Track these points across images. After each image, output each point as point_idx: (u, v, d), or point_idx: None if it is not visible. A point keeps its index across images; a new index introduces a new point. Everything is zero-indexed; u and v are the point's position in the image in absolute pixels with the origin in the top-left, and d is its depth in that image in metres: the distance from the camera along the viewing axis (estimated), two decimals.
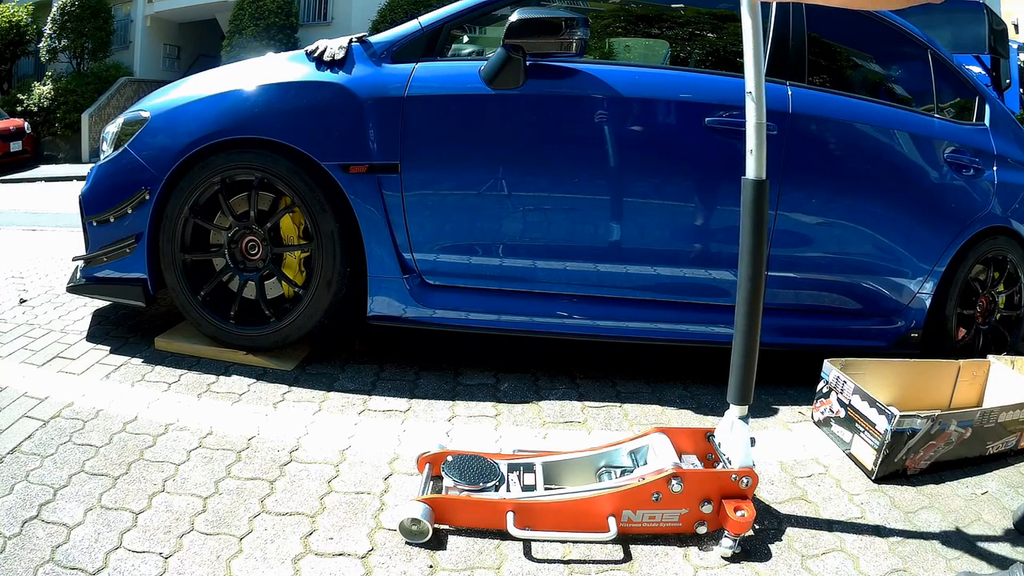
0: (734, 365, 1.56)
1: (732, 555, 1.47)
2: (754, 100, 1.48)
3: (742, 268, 1.52)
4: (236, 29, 14.02)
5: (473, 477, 1.56)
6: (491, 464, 1.61)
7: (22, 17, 16.33)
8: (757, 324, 1.53)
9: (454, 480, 1.55)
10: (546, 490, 1.57)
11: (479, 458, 1.62)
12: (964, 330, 2.70)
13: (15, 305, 2.81)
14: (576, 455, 1.69)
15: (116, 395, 2.01)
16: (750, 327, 1.53)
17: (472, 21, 2.35)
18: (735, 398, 1.57)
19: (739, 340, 1.55)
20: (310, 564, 1.38)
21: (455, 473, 1.57)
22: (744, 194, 1.51)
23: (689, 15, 2.60)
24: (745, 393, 1.56)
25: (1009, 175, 2.69)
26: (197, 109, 2.15)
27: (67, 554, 1.35)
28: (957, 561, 1.53)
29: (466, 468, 1.59)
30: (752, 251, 1.51)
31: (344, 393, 2.11)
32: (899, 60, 2.81)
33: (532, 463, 1.65)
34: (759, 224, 1.50)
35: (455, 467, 1.59)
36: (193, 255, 2.23)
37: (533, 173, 2.18)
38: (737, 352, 1.55)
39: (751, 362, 1.55)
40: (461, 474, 1.57)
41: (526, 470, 1.63)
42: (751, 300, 1.52)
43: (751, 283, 1.52)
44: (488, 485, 1.55)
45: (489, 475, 1.57)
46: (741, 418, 1.57)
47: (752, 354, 1.55)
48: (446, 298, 2.23)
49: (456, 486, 1.55)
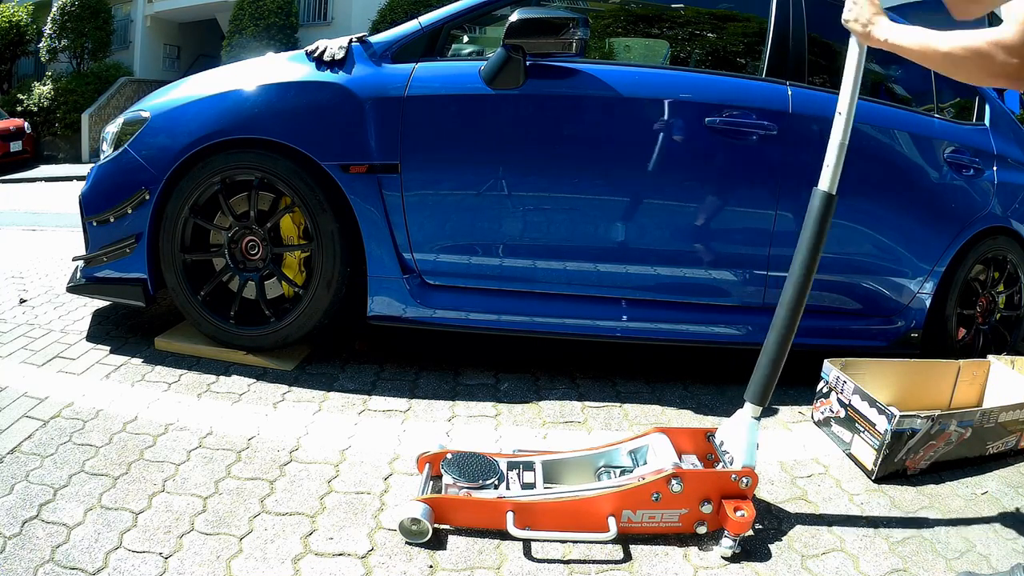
0: (761, 365, 1.57)
1: (732, 555, 1.47)
2: (843, 119, 1.52)
3: (793, 272, 1.55)
4: (236, 29, 14.02)
5: (472, 475, 1.56)
6: (491, 462, 1.61)
7: (22, 17, 16.33)
8: (793, 329, 1.55)
9: (453, 477, 1.55)
10: (546, 488, 1.57)
11: (479, 456, 1.62)
12: (964, 330, 2.70)
13: (15, 305, 2.81)
14: (576, 454, 1.69)
15: (116, 395, 2.01)
16: (787, 331, 1.55)
17: (472, 21, 2.35)
18: (754, 397, 1.57)
19: (772, 340, 1.56)
20: (310, 564, 1.38)
21: (454, 470, 1.57)
22: (812, 204, 1.55)
23: (689, 15, 2.60)
24: (764, 394, 1.57)
25: (1009, 175, 2.69)
26: (197, 109, 2.14)
27: (67, 554, 1.35)
28: (957, 561, 1.53)
29: (465, 465, 1.59)
30: (807, 257, 1.53)
31: (344, 393, 2.11)
32: (899, 60, 2.80)
33: (532, 461, 1.65)
34: (820, 234, 1.53)
35: (455, 464, 1.59)
36: (193, 255, 2.23)
37: (533, 173, 2.18)
38: (767, 352, 1.57)
39: (778, 365, 1.56)
40: (461, 471, 1.57)
41: (526, 468, 1.63)
42: (794, 304, 1.54)
43: (798, 288, 1.54)
44: (488, 482, 1.55)
45: (489, 473, 1.57)
46: (755, 417, 1.58)
47: (781, 357, 1.56)
48: (446, 298, 2.23)
49: (455, 483, 1.55)
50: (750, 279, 2.32)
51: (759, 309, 2.36)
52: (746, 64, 2.48)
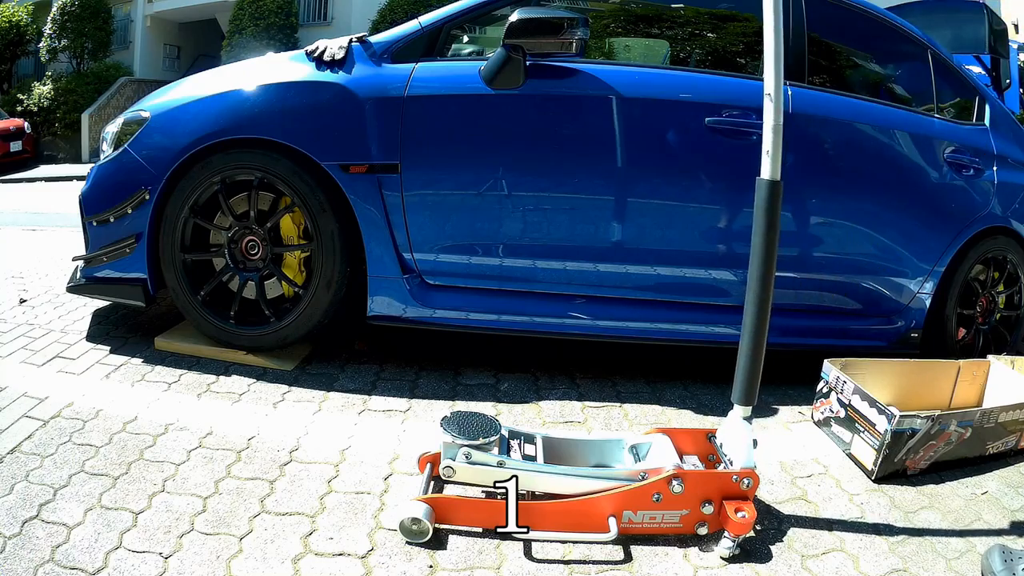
0: (740, 366, 1.56)
1: (732, 555, 1.47)
2: (772, 102, 1.48)
3: (753, 268, 1.52)
4: (236, 29, 14.01)
5: (473, 432, 1.54)
6: (492, 421, 1.59)
7: (22, 17, 16.32)
8: (765, 325, 1.53)
9: (453, 435, 1.53)
10: (546, 464, 1.56)
11: (479, 414, 1.61)
12: (964, 330, 2.70)
13: (15, 305, 2.81)
14: (577, 437, 1.70)
15: (116, 395, 2.00)
16: (758, 328, 1.53)
17: (472, 21, 2.35)
18: (740, 398, 1.57)
19: (746, 341, 1.54)
20: (310, 564, 1.38)
21: (454, 428, 1.55)
22: (758, 194, 1.51)
23: (689, 15, 2.60)
24: (750, 394, 1.56)
25: (1009, 175, 2.69)
26: (197, 109, 2.14)
27: (67, 554, 1.35)
28: (957, 561, 1.53)
29: (466, 423, 1.56)
30: (763, 251, 1.51)
31: (344, 393, 2.11)
32: (899, 60, 2.81)
33: (533, 435, 1.66)
34: (772, 224, 1.50)
35: (454, 422, 1.56)
36: (193, 255, 2.23)
37: (533, 173, 2.18)
38: (744, 353, 1.55)
39: (757, 363, 1.54)
40: (461, 429, 1.54)
41: (527, 441, 1.63)
42: (760, 300, 1.52)
43: (761, 284, 1.51)
44: (489, 441, 1.52)
45: (490, 431, 1.55)
46: (745, 418, 1.57)
47: (759, 355, 1.54)
48: (446, 298, 2.23)
49: (455, 441, 1.53)
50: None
51: None
52: (746, 64, 2.48)
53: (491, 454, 1.53)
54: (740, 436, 1.56)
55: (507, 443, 1.59)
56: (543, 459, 1.59)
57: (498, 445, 1.56)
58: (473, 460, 1.53)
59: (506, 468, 1.51)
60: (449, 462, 1.53)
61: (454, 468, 1.53)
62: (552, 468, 1.55)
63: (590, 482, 1.53)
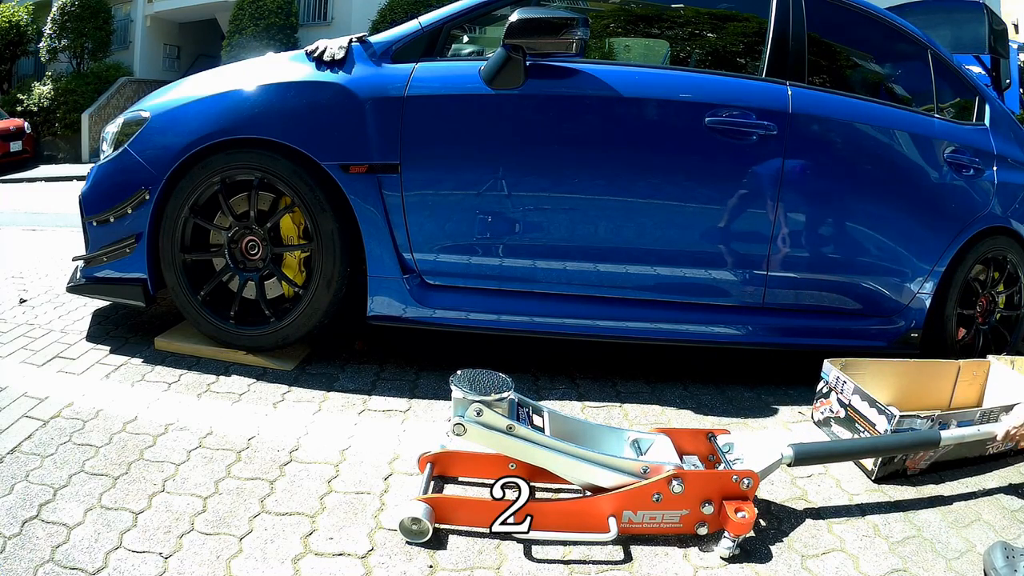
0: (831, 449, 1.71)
1: (732, 555, 1.47)
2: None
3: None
4: (236, 29, 14.01)
5: (484, 388, 1.52)
6: (503, 378, 1.57)
7: (22, 17, 16.32)
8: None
9: (464, 391, 1.51)
10: (551, 438, 1.55)
11: (490, 372, 1.60)
12: (964, 330, 2.70)
13: (15, 305, 2.81)
14: (584, 419, 1.70)
15: (116, 395, 2.00)
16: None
17: (472, 21, 2.35)
18: (799, 453, 1.64)
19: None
20: (310, 564, 1.38)
21: (465, 384, 1.53)
22: None
23: (689, 15, 2.60)
24: (809, 459, 1.68)
25: (1009, 175, 2.69)
26: (197, 109, 2.14)
27: (67, 554, 1.35)
28: (957, 561, 1.53)
29: (476, 380, 1.55)
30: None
31: (344, 393, 2.11)
32: (899, 60, 2.81)
33: (541, 407, 1.65)
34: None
35: (465, 379, 1.55)
36: (193, 255, 2.23)
37: (533, 173, 2.18)
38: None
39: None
40: (472, 385, 1.53)
41: (535, 412, 1.62)
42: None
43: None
44: (501, 397, 1.51)
45: (502, 387, 1.54)
46: (787, 459, 1.62)
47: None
48: (446, 298, 2.23)
49: (465, 397, 1.51)
50: (750, 279, 2.32)
51: (759, 309, 2.36)
52: (746, 64, 2.48)
53: (501, 416, 1.50)
54: (769, 460, 1.61)
55: (516, 409, 1.57)
56: (549, 433, 1.57)
57: (508, 408, 1.53)
58: (483, 419, 1.50)
59: (514, 435, 1.49)
60: (459, 419, 1.50)
61: (464, 426, 1.50)
62: (560, 443, 1.52)
63: (591, 468, 1.51)
